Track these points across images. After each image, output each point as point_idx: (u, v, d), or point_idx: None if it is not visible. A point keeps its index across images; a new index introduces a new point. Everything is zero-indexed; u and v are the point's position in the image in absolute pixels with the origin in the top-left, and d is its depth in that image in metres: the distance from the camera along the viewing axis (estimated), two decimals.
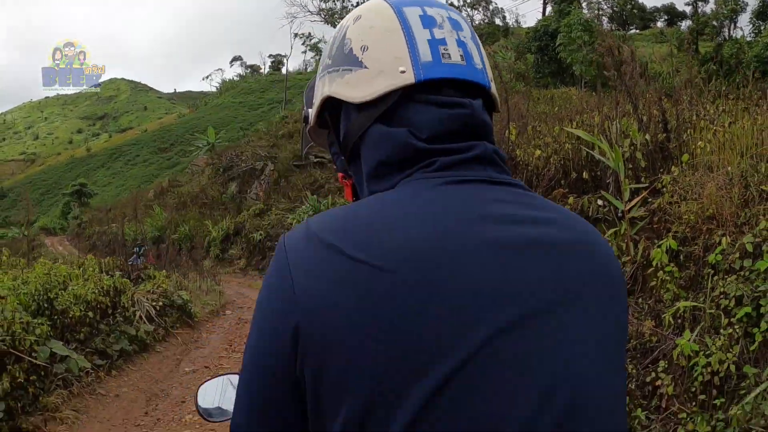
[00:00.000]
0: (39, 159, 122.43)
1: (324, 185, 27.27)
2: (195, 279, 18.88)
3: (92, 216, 51.63)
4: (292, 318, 0.94)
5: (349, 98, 1.13)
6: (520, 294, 0.95)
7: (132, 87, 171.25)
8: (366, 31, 1.15)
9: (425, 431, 0.88)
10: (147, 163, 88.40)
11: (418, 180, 1.04)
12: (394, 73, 1.09)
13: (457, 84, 1.10)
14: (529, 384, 0.91)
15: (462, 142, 1.08)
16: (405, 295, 0.91)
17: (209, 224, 30.49)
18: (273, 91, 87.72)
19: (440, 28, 1.12)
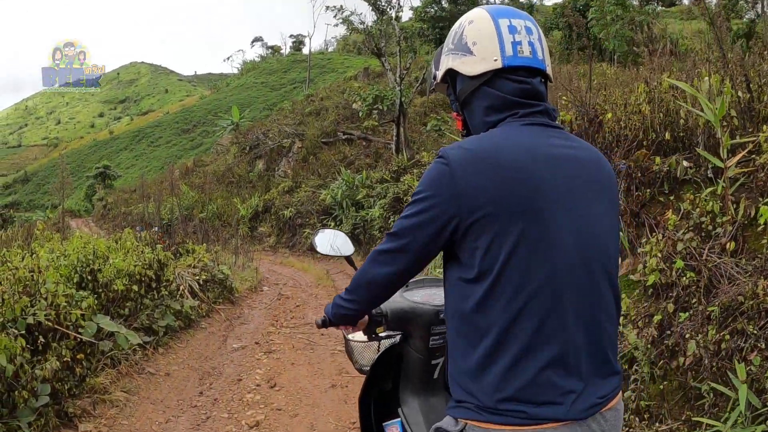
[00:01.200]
0: (62, 143, 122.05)
1: (354, 161, 26.54)
2: (228, 256, 18.28)
3: (117, 197, 51.08)
4: (453, 185, 1.88)
5: (464, 71, 2.10)
6: (565, 183, 1.93)
7: (152, 70, 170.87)
8: (475, 32, 2.07)
9: (520, 254, 1.83)
10: (170, 144, 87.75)
11: (510, 123, 2.01)
12: (490, 61, 2.03)
13: (527, 69, 2.04)
14: (576, 230, 1.91)
15: (532, 101, 2.04)
16: (511, 179, 1.85)
17: (237, 202, 29.85)
18: (295, 71, 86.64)
19: (519, 34, 2.03)
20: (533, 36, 2.04)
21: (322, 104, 38.93)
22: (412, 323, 2.64)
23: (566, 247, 1.87)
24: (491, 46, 2.01)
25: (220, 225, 30.25)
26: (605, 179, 2.05)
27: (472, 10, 2.13)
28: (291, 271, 19.78)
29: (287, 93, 74.23)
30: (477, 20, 2.07)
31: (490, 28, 2.02)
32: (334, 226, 20.93)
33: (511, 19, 2.04)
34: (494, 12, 2.06)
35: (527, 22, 2.06)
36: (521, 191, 1.83)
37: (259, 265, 19.11)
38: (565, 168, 1.94)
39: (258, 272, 17.09)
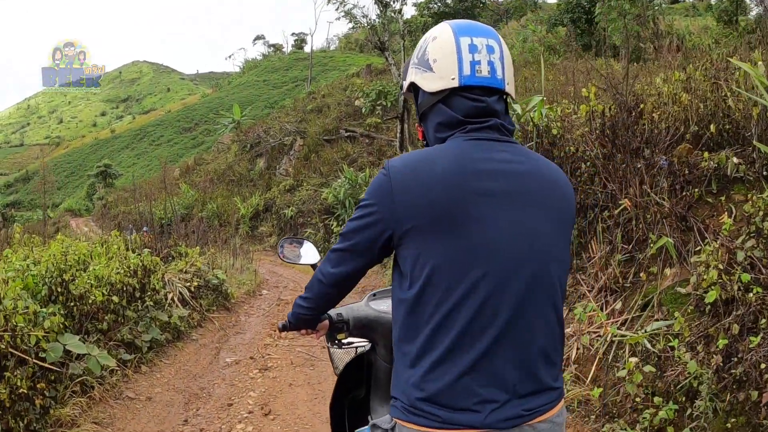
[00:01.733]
0: (64, 142, 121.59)
1: (357, 159, 25.65)
2: (226, 257, 17.47)
3: (117, 196, 50.36)
4: (390, 197, 1.95)
5: (424, 87, 2.14)
6: (499, 196, 1.95)
7: (154, 69, 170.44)
8: (437, 49, 2.10)
9: (445, 264, 1.90)
10: (171, 143, 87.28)
11: (456, 137, 2.05)
12: (447, 79, 2.05)
13: (483, 88, 2.06)
14: (509, 243, 1.94)
15: (483, 118, 2.05)
16: (440, 193, 1.91)
17: (238, 201, 29.01)
18: (297, 69, 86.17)
19: (479, 53, 2.06)
20: (494, 55, 2.09)
21: (324, 101, 38.14)
22: (376, 332, 2.73)
23: (496, 258, 1.93)
24: (450, 64, 2.07)
25: (220, 224, 29.51)
26: (554, 196, 2.09)
27: (439, 25, 2.19)
28: (292, 272, 18.94)
29: (289, 91, 73.87)
30: (440, 37, 2.13)
31: (451, 46, 2.08)
32: (336, 225, 20.12)
33: (473, 38, 2.08)
34: (457, 29, 2.11)
35: (490, 40, 2.10)
36: (449, 204, 1.92)
37: (259, 266, 18.36)
38: (501, 181, 1.99)
39: (257, 275, 16.28)
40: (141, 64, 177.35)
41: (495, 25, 52.08)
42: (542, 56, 13.14)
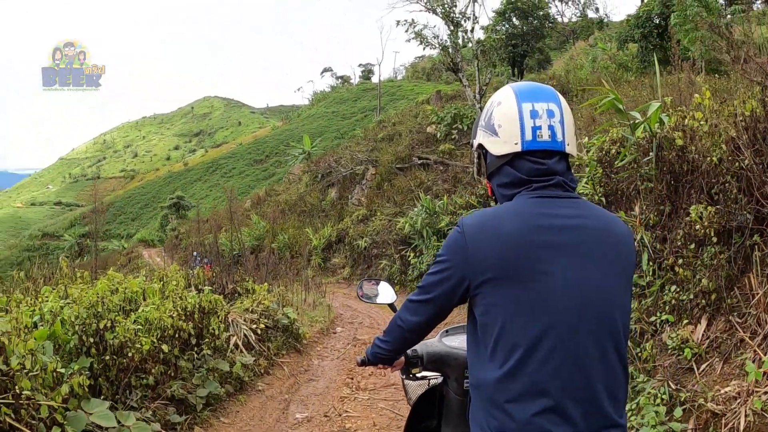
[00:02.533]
0: (138, 175, 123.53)
1: (431, 187, 24.29)
2: (298, 291, 16.26)
3: (189, 227, 50.06)
4: (464, 253, 2.12)
5: (491, 150, 2.31)
6: (564, 250, 2.08)
7: (225, 104, 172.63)
8: (501, 115, 2.27)
9: (515, 315, 2.05)
10: (243, 174, 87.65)
11: (522, 195, 2.19)
12: (511, 144, 2.22)
13: (544, 151, 2.20)
14: (573, 294, 2.07)
15: (545, 177, 2.19)
16: (509, 249, 2.06)
17: (310, 232, 27.88)
18: (365, 99, 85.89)
19: (540, 118, 2.19)
20: (554, 118, 2.21)
21: (395, 129, 37.03)
22: (448, 366, 2.82)
23: (562, 309, 2.05)
24: (513, 130, 2.22)
25: (291, 256, 28.47)
26: (614, 246, 2.18)
27: (503, 90, 2.35)
28: (367, 306, 17.61)
29: (358, 121, 73.41)
30: (504, 103, 2.28)
31: (514, 112, 2.23)
32: (413, 256, 18.78)
33: (534, 103, 2.21)
34: (520, 95, 2.25)
35: (550, 104, 2.22)
36: (516, 259, 2.06)
37: (333, 300, 17.12)
38: (564, 236, 2.10)
39: (330, 310, 14.98)
40: (212, 99, 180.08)
41: (562, 47, 50.84)
42: (655, 58, 11.63)
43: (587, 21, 57.62)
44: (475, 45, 21.55)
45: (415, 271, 18.46)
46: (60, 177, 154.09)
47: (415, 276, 18.36)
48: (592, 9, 63.35)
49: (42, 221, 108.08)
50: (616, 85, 23.57)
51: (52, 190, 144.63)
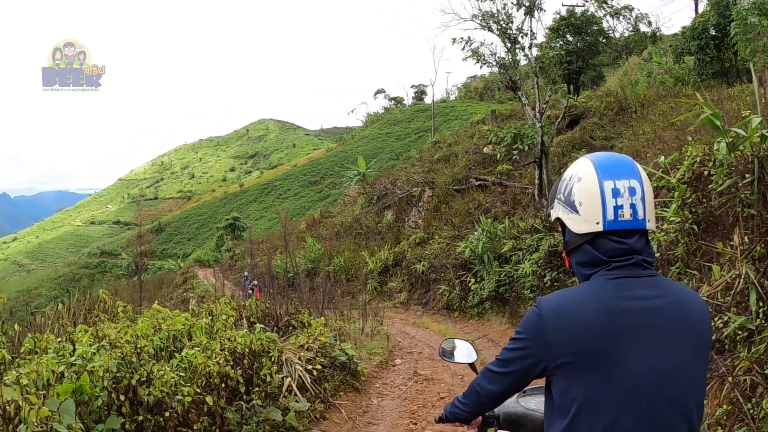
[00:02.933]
0: (195, 196, 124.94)
1: (490, 209, 23.71)
2: (354, 317, 15.88)
3: (244, 248, 49.99)
4: (542, 334, 2.18)
5: (571, 227, 2.31)
6: (639, 334, 2.11)
7: (280, 126, 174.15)
8: (582, 192, 2.24)
9: (590, 400, 2.09)
10: (298, 196, 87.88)
11: (599, 276, 2.21)
12: (592, 223, 2.22)
13: (625, 230, 2.21)
14: (649, 379, 2.08)
15: (625, 256, 2.19)
16: (585, 333, 2.11)
17: (366, 255, 27.47)
18: (419, 120, 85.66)
19: (621, 197, 2.18)
20: (636, 196, 2.20)
21: (451, 150, 36.55)
22: (524, 427, 2.89)
23: (637, 395, 2.08)
24: (594, 209, 2.22)
25: (347, 279, 28.12)
26: (691, 325, 2.20)
27: (584, 164, 2.31)
28: (426, 334, 17.20)
29: (412, 142, 73.17)
30: (585, 179, 2.26)
31: (595, 190, 2.21)
32: (473, 282, 18.25)
33: (616, 181, 2.20)
34: (601, 172, 2.24)
35: (632, 181, 2.21)
36: (594, 346, 2.10)
37: (390, 327, 16.72)
38: (642, 320, 2.13)
39: (389, 339, 14.54)
40: (267, 121, 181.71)
41: (614, 62, 49.90)
42: (751, 65, 10.98)
43: (640, 35, 56.67)
44: (534, 61, 21.01)
45: (475, 297, 17.96)
46: (119, 197, 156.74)
47: (476, 302, 17.87)
48: (645, 23, 62.27)
49: (101, 239, 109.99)
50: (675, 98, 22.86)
51: (112, 209, 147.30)
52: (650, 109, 24.55)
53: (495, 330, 16.13)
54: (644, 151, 16.73)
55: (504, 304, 16.84)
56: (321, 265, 30.68)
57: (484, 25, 20.93)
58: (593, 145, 24.57)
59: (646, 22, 62.72)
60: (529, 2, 20.65)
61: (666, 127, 18.64)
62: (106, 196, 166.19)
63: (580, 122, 30.02)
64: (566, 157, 24.97)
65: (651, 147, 16.16)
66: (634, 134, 21.46)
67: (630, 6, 58.52)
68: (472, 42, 20.66)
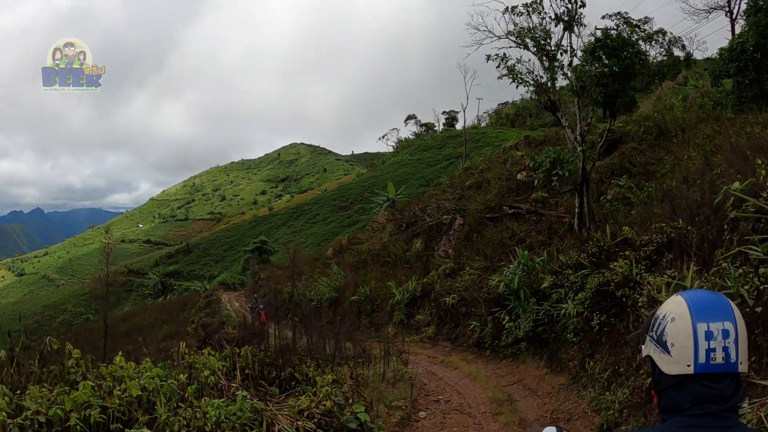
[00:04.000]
0: (225, 218, 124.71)
1: (525, 239, 21.99)
2: (376, 354, 14.29)
3: (270, 272, 48.70)
4: None
5: (662, 367, 2.27)
6: None
7: (311, 151, 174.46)
8: (675, 333, 2.22)
9: None
10: (327, 221, 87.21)
11: (676, 421, 2.19)
12: (683, 366, 2.17)
13: (716, 375, 2.15)
14: None
15: (708, 405, 2.14)
16: None
17: (392, 286, 25.81)
18: (450, 147, 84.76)
19: (714, 340, 2.13)
20: (729, 339, 2.15)
21: (483, 176, 35.00)
22: None
23: None
24: (687, 351, 2.18)
25: (372, 310, 26.54)
26: None
27: (676, 304, 2.30)
28: (455, 375, 15.58)
29: (443, 169, 72.19)
30: (678, 320, 2.24)
31: (688, 333, 2.19)
32: (508, 320, 16.56)
33: (710, 323, 2.17)
34: (696, 313, 2.21)
35: (726, 323, 2.17)
36: None
37: (416, 365, 15.12)
38: None
39: (414, 385, 12.88)
40: (298, 146, 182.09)
41: (647, 87, 48.13)
42: None
43: (674, 59, 55.27)
44: (575, 80, 19.38)
45: (509, 336, 16.23)
46: (150, 216, 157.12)
47: (510, 342, 16.15)
48: (678, 46, 60.64)
49: (130, 258, 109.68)
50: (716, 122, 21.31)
51: (142, 228, 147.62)
52: (691, 132, 23.00)
53: (532, 375, 14.40)
54: (695, 178, 15.21)
55: (542, 346, 15.10)
56: (346, 294, 29.10)
57: (520, 42, 19.34)
58: (633, 172, 22.95)
59: (680, 45, 61.15)
60: (568, 17, 19.05)
61: (714, 151, 17.65)
62: (138, 215, 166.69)
63: (618, 147, 28.52)
64: (605, 184, 23.41)
65: (705, 174, 14.65)
66: (676, 159, 19.94)
67: (663, 29, 56.94)
68: (508, 59, 19.04)
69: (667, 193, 16.11)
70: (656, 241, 11.86)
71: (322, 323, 20.30)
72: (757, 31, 25.12)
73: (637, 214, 15.97)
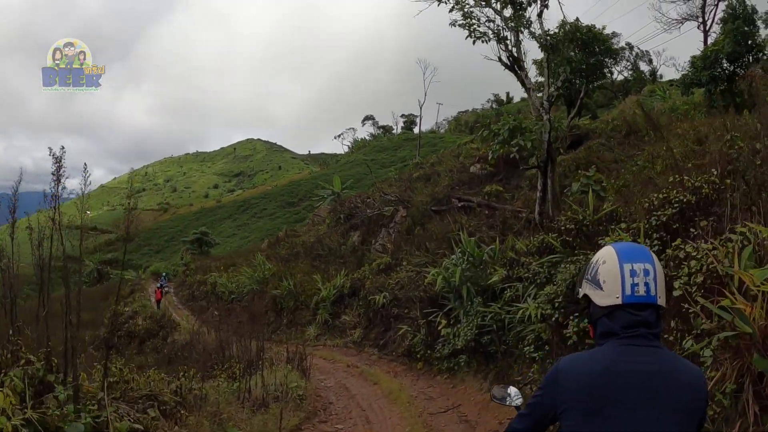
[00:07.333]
0: (171, 208, 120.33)
1: (474, 233, 17.97)
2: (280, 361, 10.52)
3: (201, 264, 44.93)
4: (556, 386, 2.54)
5: (596, 301, 2.60)
6: (632, 393, 2.41)
7: (268, 147, 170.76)
8: (606, 273, 2.58)
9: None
10: (273, 216, 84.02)
11: (611, 344, 2.52)
12: (613, 298, 2.52)
13: (640, 304, 2.51)
14: (636, 427, 2.39)
15: (635, 328, 2.50)
16: (587, 388, 2.43)
17: (318, 279, 21.80)
18: (406, 149, 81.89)
19: (637, 276, 2.51)
20: (649, 276, 2.54)
21: (434, 169, 31.31)
22: None
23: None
24: (615, 286, 2.55)
25: (296, 307, 22.58)
26: (683, 393, 2.48)
27: (608, 251, 2.67)
28: (371, 393, 11.80)
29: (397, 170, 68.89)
30: (608, 262, 2.61)
31: (616, 272, 2.56)
32: (444, 325, 12.70)
33: (634, 264, 2.55)
34: (622, 256, 2.59)
35: (646, 264, 2.56)
36: (592, 399, 2.45)
37: (328, 376, 12.10)
38: (635, 381, 2.44)
39: (300, 409, 8.95)
40: (255, 141, 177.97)
41: (609, 103, 45.43)
42: None
43: (639, 74, 53.01)
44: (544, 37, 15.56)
45: (446, 346, 12.35)
46: (99, 203, 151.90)
47: (446, 353, 12.27)
48: (645, 60, 57.88)
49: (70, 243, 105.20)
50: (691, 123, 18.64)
51: (90, 215, 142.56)
52: (666, 131, 20.19)
53: (472, 400, 10.42)
54: (683, 167, 11.69)
55: (488, 360, 11.20)
56: (269, 287, 25.08)
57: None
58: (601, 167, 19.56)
59: (647, 60, 58.28)
60: None
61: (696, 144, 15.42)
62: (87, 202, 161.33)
63: (584, 143, 25.35)
64: (569, 178, 19.84)
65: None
66: (651, 156, 16.73)
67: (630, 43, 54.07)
68: (464, 3, 15.16)
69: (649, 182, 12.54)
70: (679, 200, 8.06)
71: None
72: (733, 39, 24.29)
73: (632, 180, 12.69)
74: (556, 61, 16.62)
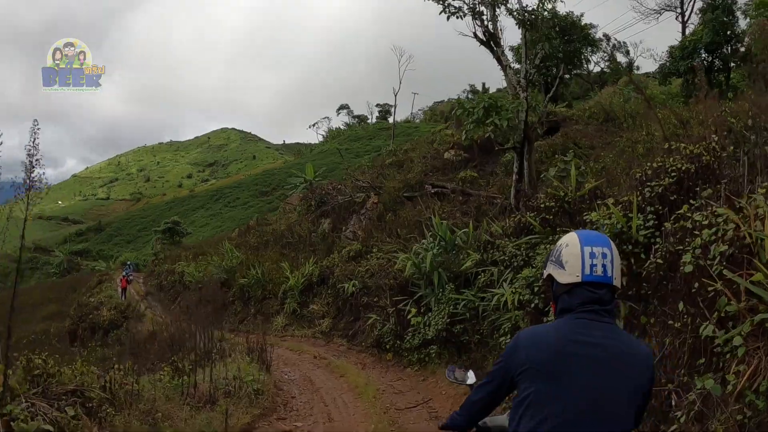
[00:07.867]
0: (144, 198, 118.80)
1: (448, 219, 17.24)
2: None
3: (171, 254, 43.87)
4: (515, 353, 2.78)
5: (558, 279, 2.88)
6: (584, 361, 2.62)
7: (242, 137, 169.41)
8: (568, 254, 2.83)
9: (537, 402, 2.67)
10: (246, 206, 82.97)
11: (568, 317, 2.77)
12: (574, 276, 2.78)
13: (597, 283, 2.77)
14: (586, 396, 2.60)
15: (592, 305, 2.75)
16: (544, 354, 2.68)
17: (286, 267, 20.95)
18: (380, 139, 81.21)
19: (596, 258, 2.78)
20: (607, 259, 2.82)
21: (407, 156, 30.54)
22: None
23: (572, 403, 2.63)
24: (576, 266, 2.81)
25: (263, 296, 21.74)
26: (630, 365, 2.71)
27: (571, 236, 2.95)
28: (337, 386, 11.04)
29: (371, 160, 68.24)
30: (571, 245, 2.88)
31: (578, 253, 2.83)
32: (414, 313, 11.95)
33: (593, 247, 2.84)
34: (583, 241, 2.86)
35: (605, 248, 2.84)
36: (547, 363, 2.68)
37: (294, 368, 11.96)
38: (587, 350, 2.67)
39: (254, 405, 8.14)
40: (230, 131, 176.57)
41: (586, 94, 45.05)
42: None
43: (616, 65, 52.49)
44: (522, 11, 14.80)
45: (416, 336, 11.61)
46: (71, 194, 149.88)
47: (417, 343, 11.54)
48: (622, 51, 57.29)
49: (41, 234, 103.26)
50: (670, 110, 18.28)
51: (62, 206, 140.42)
52: (643, 119, 19.81)
53: (443, 394, 9.65)
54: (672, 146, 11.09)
55: (461, 351, 10.48)
56: (237, 276, 24.19)
57: None
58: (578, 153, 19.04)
59: (624, 51, 57.71)
60: None
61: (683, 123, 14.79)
62: (59, 192, 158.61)
63: (561, 129, 24.74)
64: (545, 164, 19.20)
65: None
66: (630, 141, 16.19)
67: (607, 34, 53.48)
68: None
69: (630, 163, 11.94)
70: (676, 168, 7.22)
71: None
72: (712, 29, 24.63)
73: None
74: (533, 38, 15.86)
